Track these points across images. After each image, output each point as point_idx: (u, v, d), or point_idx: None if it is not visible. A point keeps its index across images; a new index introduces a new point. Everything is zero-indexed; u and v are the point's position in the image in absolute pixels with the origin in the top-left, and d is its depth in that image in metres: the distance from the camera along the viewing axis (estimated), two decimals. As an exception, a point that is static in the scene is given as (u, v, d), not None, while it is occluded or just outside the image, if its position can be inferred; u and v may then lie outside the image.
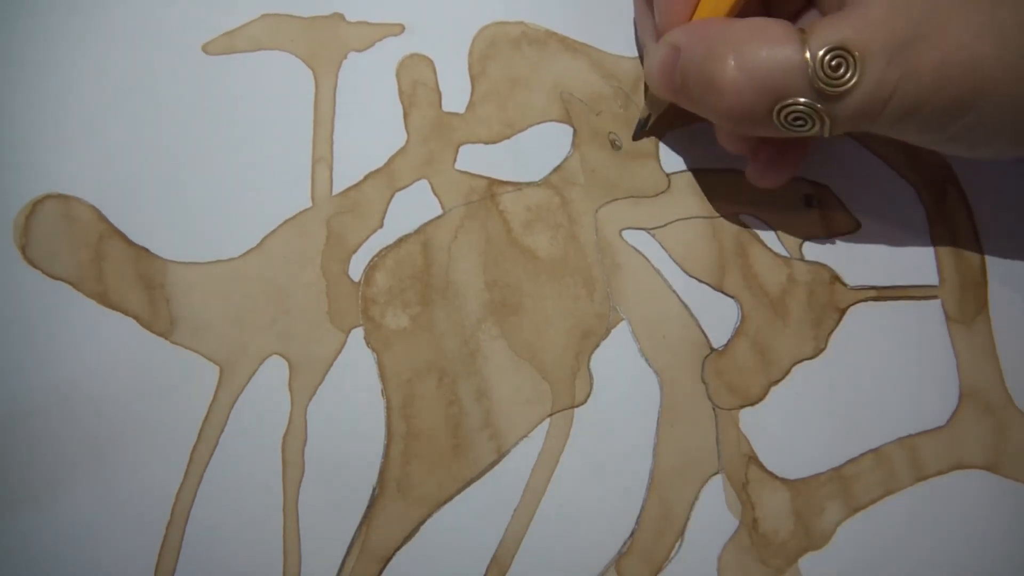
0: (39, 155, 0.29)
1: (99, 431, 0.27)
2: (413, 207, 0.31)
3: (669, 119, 0.32)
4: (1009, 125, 0.26)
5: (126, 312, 0.28)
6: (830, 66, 0.25)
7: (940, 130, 0.26)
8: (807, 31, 0.25)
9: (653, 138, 0.32)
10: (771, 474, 0.29)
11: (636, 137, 0.33)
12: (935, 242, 0.32)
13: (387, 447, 0.28)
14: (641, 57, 0.33)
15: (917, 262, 0.32)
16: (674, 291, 0.31)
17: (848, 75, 0.25)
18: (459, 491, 0.28)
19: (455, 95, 0.32)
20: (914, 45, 0.25)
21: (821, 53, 0.25)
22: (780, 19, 0.27)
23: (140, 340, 0.28)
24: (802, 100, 0.25)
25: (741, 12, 0.28)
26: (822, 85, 0.25)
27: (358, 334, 0.29)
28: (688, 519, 0.29)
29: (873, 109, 0.25)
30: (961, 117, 0.26)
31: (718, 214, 0.32)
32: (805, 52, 0.25)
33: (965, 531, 0.29)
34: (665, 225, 0.31)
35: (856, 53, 0.25)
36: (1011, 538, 0.29)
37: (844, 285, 0.32)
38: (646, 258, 0.31)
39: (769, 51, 0.25)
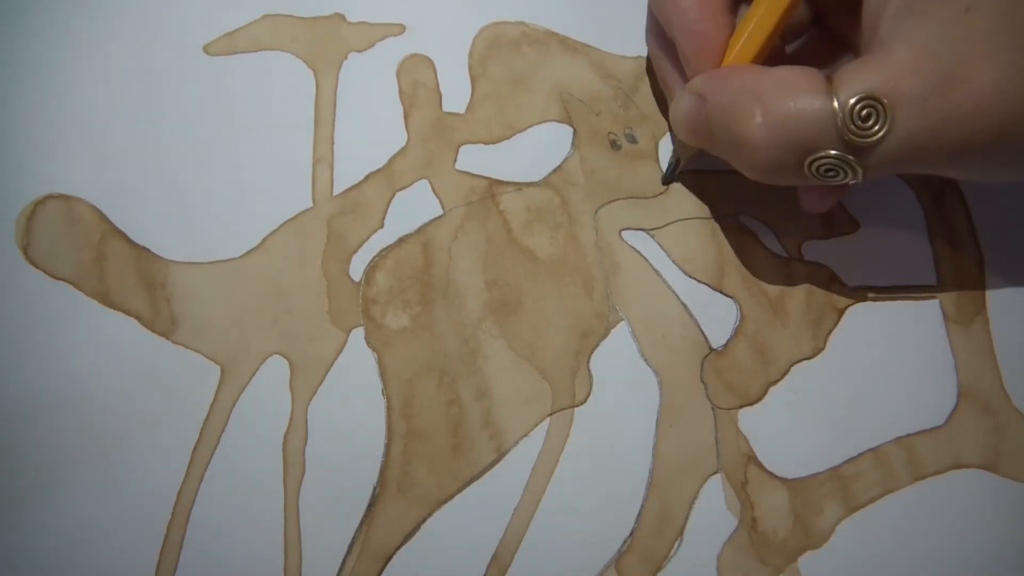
0: (41, 156, 0.29)
1: (101, 430, 0.27)
2: (413, 207, 0.31)
3: (696, 159, 0.31)
4: None
5: (127, 312, 0.28)
6: (860, 116, 0.24)
7: (979, 165, 0.26)
8: (834, 80, 0.24)
9: (653, 138, 0.33)
10: (770, 473, 0.30)
11: (666, 181, 0.32)
12: (934, 243, 0.32)
13: (387, 446, 0.28)
14: (657, 83, 0.33)
15: (916, 263, 0.32)
16: (673, 291, 0.31)
17: (878, 126, 0.24)
18: (459, 490, 0.28)
19: (455, 95, 0.32)
20: (946, 89, 0.24)
21: (851, 103, 0.24)
22: (807, 67, 0.25)
23: (141, 340, 0.28)
24: (832, 152, 0.24)
25: (768, 57, 0.28)
26: (852, 137, 0.24)
27: (359, 334, 0.29)
28: (687, 518, 0.29)
29: (906, 157, 0.24)
30: (998, 153, 0.25)
31: (717, 215, 0.32)
32: (833, 102, 0.24)
33: (963, 530, 0.29)
34: (664, 226, 0.32)
35: (885, 101, 0.24)
36: (1008, 537, 0.30)
37: (843, 285, 0.32)
38: (645, 258, 0.31)
39: (797, 103, 0.24)
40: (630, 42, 0.34)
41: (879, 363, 0.31)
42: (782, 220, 0.32)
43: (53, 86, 0.30)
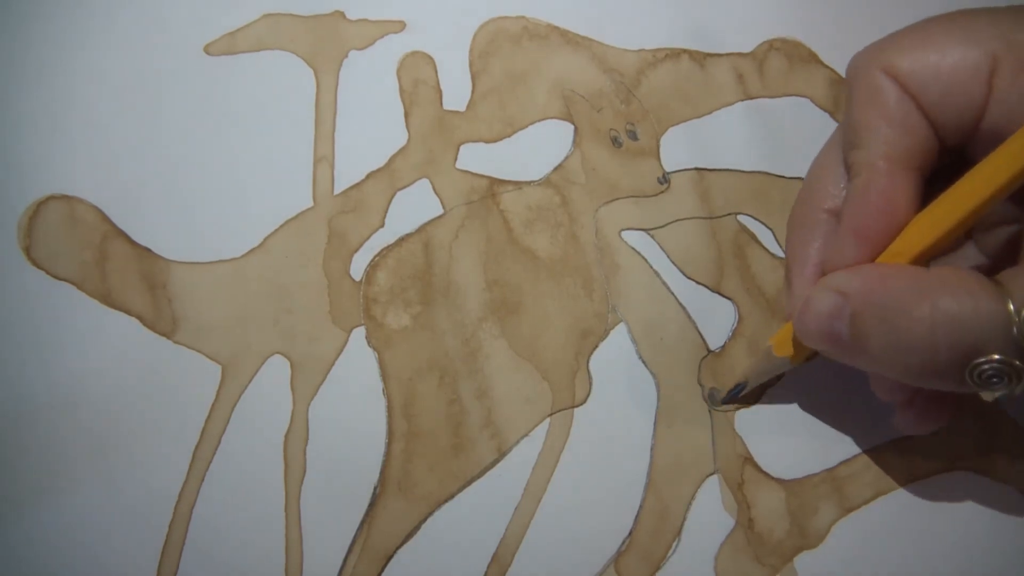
0: (42, 156, 0.29)
1: (103, 430, 0.28)
2: (414, 206, 0.31)
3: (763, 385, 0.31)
4: None
5: (129, 312, 0.29)
6: None
7: None
8: (1003, 282, 0.23)
9: (655, 134, 0.33)
10: (766, 474, 0.30)
11: (726, 401, 0.30)
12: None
13: (388, 446, 0.29)
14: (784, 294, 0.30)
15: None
16: (672, 293, 0.31)
17: None
18: (460, 490, 0.29)
19: (456, 92, 0.32)
20: None
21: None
22: (971, 270, 0.24)
23: (143, 340, 0.28)
24: (998, 357, 0.23)
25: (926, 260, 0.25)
26: None
27: (359, 333, 0.29)
28: (685, 518, 0.29)
29: None
30: None
31: (717, 215, 0.32)
32: (1008, 305, 0.22)
33: (956, 531, 0.30)
34: (664, 226, 0.32)
35: None
36: (1001, 539, 0.30)
37: (841, 286, 0.32)
38: (645, 259, 0.31)
39: (967, 304, 0.23)
40: (632, 35, 0.34)
41: (876, 365, 0.31)
42: (781, 220, 0.32)
43: (54, 86, 0.30)
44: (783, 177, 0.33)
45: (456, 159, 0.31)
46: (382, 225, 0.30)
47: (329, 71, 0.31)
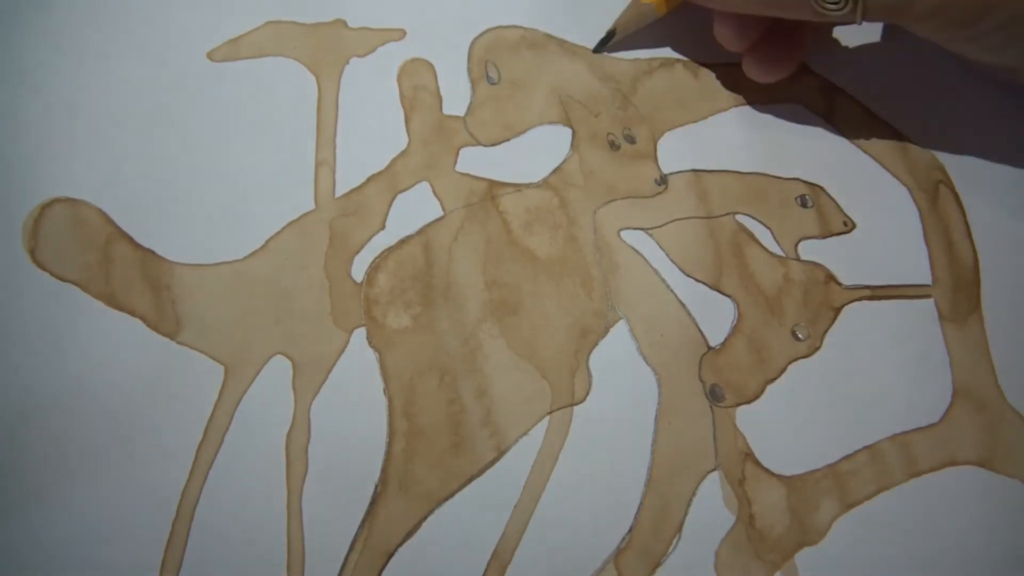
0: (47, 160, 0.30)
1: (107, 429, 0.28)
2: (414, 209, 0.31)
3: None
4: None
5: (133, 313, 0.29)
6: None
7: (964, 28, 0.27)
8: None
9: (652, 138, 0.33)
10: (767, 471, 0.30)
11: (596, 50, 0.34)
12: (928, 242, 0.33)
13: (389, 445, 0.29)
14: None
15: (911, 262, 0.32)
16: (672, 290, 0.31)
17: None
18: (460, 488, 0.29)
19: (456, 99, 0.33)
20: None
21: None
22: None
23: (147, 341, 0.29)
24: None
25: None
26: None
27: (360, 334, 0.30)
28: (686, 515, 0.29)
29: None
30: (983, 19, 0.27)
31: (715, 214, 0.32)
32: None
33: (958, 526, 0.30)
34: (663, 225, 0.32)
35: None
36: (1003, 533, 0.30)
37: (839, 284, 0.32)
38: (644, 258, 0.31)
39: None
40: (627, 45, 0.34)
41: (875, 361, 0.31)
42: (779, 220, 0.32)
43: (59, 91, 0.30)
44: (780, 177, 0.33)
45: (456, 162, 0.32)
46: (383, 227, 0.31)
47: (330, 77, 0.32)
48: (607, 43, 0.34)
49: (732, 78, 0.34)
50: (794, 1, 0.27)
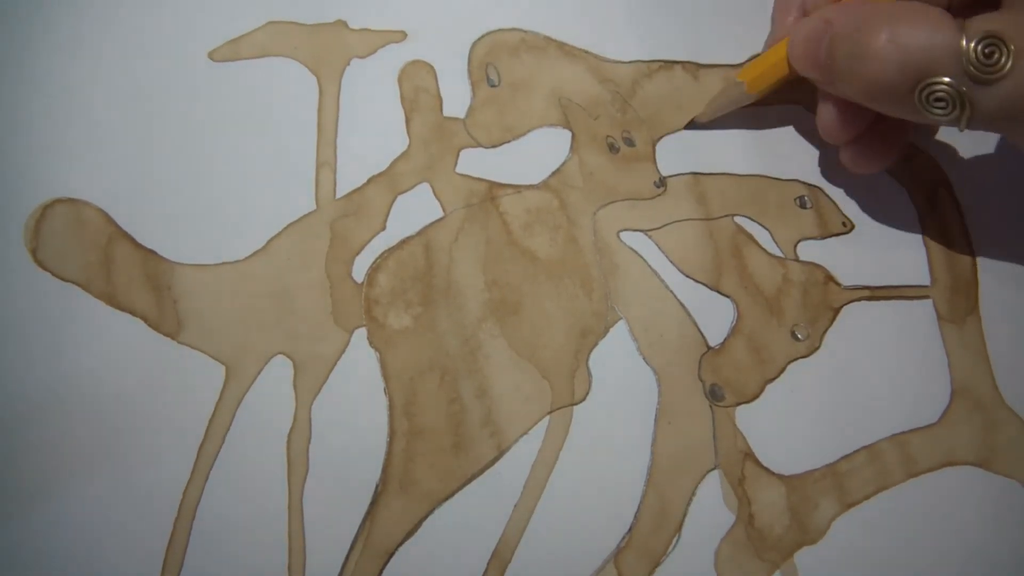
0: (49, 160, 0.30)
1: (109, 429, 0.28)
2: (415, 210, 0.31)
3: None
4: None
5: (134, 313, 0.29)
6: (984, 53, 0.25)
7: None
8: (964, 22, 0.26)
9: (650, 141, 0.33)
10: (767, 470, 0.30)
11: (687, 127, 0.34)
12: (927, 243, 0.33)
13: (390, 444, 0.29)
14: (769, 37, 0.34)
15: (909, 262, 0.33)
16: (671, 291, 0.31)
17: (1002, 61, 0.25)
18: (460, 487, 0.29)
19: (456, 100, 0.33)
20: None
21: (977, 39, 0.25)
22: (940, 8, 0.27)
23: (148, 340, 0.29)
24: (947, 80, 0.26)
25: None
26: (973, 69, 0.25)
27: (361, 334, 0.30)
28: (685, 514, 0.29)
29: (1017, 106, 0.26)
30: None
31: (714, 216, 0.32)
32: (961, 36, 0.25)
33: (956, 525, 0.30)
34: (662, 227, 0.32)
35: (1012, 46, 0.25)
36: (1001, 532, 0.30)
37: (838, 285, 0.32)
38: (643, 259, 0.32)
39: (924, 29, 0.26)
40: (627, 48, 0.34)
41: (873, 361, 0.31)
42: (778, 221, 0.32)
43: (60, 92, 0.31)
44: (779, 179, 0.33)
45: (456, 164, 0.32)
46: (383, 228, 0.31)
47: (331, 78, 0.32)
48: (695, 126, 0.34)
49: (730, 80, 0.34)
50: (898, 98, 0.27)
